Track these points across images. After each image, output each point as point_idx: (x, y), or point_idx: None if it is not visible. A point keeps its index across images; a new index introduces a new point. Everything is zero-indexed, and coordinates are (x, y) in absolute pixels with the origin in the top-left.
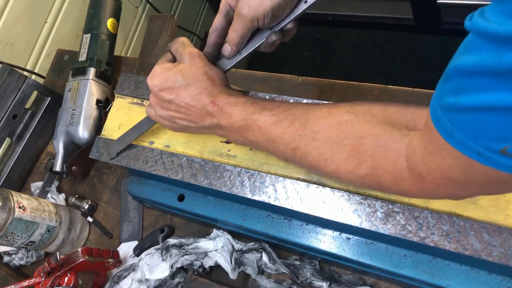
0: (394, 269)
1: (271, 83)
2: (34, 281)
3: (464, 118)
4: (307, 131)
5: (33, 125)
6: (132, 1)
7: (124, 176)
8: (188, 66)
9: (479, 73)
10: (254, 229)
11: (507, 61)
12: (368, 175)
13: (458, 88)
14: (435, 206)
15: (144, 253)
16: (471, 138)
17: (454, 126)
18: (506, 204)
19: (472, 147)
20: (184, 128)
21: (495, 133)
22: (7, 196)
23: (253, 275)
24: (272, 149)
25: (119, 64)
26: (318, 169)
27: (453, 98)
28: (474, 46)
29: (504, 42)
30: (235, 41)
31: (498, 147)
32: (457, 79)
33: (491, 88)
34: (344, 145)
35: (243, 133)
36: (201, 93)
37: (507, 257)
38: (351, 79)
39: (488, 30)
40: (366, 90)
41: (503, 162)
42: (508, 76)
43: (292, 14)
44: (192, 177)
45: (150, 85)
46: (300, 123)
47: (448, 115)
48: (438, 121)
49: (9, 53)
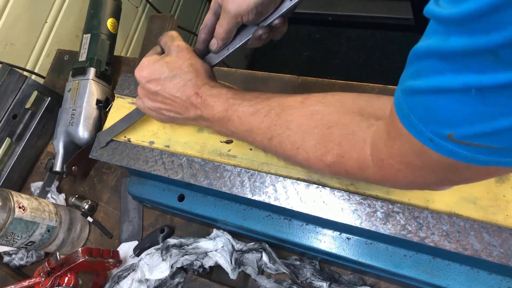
0: (394, 269)
1: (271, 83)
2: (34, 281)
3: (417, 101)
4: (281, 121)
5: (33, 125)
6: (132, 1)
7: (124, 176)
8: (175, 58)
9: (431, 56)
10: (254, 229)
11: (452, 44)
12: (335, 162)
13: (415, 72)
14: (435, 206)
15: (144, 253)
16: (424, 123)
17: (410, 110)
18: (506, 204)
19: (424, 133)
20: (171, 119)
21: (442, 117)
22: (7, 196)
23: (253, 275)
24: (251, 139)
25: (119, 64)
26: (291, 157)
27: (410, 82)
28: (429, 30)
29: (450, 25)
30: (221, 35)
31: (445, 132)
32: (415, 63)
33: (439, 71)
34: (314, 134)
35: (224, 124)
36: (186, 85)
37: (507, 257)
38: (351, 79)
39: (437, 14)
40: (366, 90)
41: (450, 148)
42: (453, 58)
43: (277, 11)
44: (192, 177)
45: (138, 76)
46: (276, 113)
47: (406, 99)
48: (399, 105)
49: (9, 53)
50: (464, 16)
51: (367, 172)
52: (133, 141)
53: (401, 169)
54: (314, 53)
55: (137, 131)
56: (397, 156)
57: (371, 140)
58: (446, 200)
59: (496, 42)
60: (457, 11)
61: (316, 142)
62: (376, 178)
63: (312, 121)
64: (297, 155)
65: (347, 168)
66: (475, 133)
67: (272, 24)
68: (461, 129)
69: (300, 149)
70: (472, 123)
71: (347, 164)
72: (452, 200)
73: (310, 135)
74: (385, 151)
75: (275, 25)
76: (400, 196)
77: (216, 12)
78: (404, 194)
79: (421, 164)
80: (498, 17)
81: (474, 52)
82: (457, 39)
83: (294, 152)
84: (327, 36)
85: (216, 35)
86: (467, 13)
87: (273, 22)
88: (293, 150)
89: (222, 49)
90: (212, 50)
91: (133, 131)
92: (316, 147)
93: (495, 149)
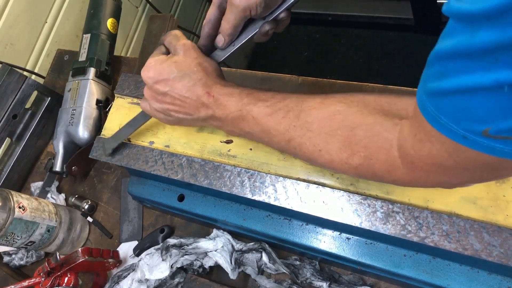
0: (394, 269)
1: (271, 83)
2: (34, 281)
3: (446, 102)
4: (301, 122)
5: (33, 125)
6: (132, 1)
7: (124, 176)
8: (183, 57)
9: (456, 56)
10: (254, 229)
11: (480, 40)
12: (362, 165)
13: (439, 73)
14: (435, 206)
15: (144, 253)
16: (455, 121)
17: (438, 110)
18: (506, 204)
19: (457, 131)
20: (180, 120)
21: (475, 115)
22: (7, 196)
23: (253, 275)
24: (267, 140)
25: (119, 64)
26: (312, 159)
27: (435, 83)
28: (451, 30)
29: (476, 20)
30: (228, 31)
31: (480, 129)
32: (437, 64)
33: (467, 70)
34: (337, 136)
35: (238, 124)
36: (196, 85)
37: (507, 257)
38: (351, 79)
39: (461, 11)
40: (366, 90)
41: (486, 144)
42: (481, 55)
43: (285, 3)
44: (192, 177)
45: (145, 77)
46: (294, 114)
47: (432, 100)
48: (424, 107)
49: (9, 53)
50: (495, 9)
51: (396, 174)
52: (133, 141)
53: (432, 171)
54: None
55: (137, 131)
56: (427, 158)
57: (398, 142)
58: (446, 200)
59: None
60: (486, 5)
61: (340, 145)
62: (406, 180)
63: (334, 122)
64: (320, 158)
65: (375, 170)
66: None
67: (278, 18)
68: (496, 124)
69: (323, 152)
70: (507, 117)
71: (375, 166)
72: (452, 200)
73: (333, 137)
74: (413, 153)
75: (281, 18)
76: (400, 196)
77: (220, 6)
78: (404, 194)
79: (454, 164)
80: None
81: (505, 46)
82: (486, 34)
83: (316, 154)
84: (327, 36)
85: (223, 31)
86: (497, 5)
87: (279, 15)
88: (315, 152)
89: (229, 45)
90: (218, 46)
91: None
92: (341, 150)
93: None
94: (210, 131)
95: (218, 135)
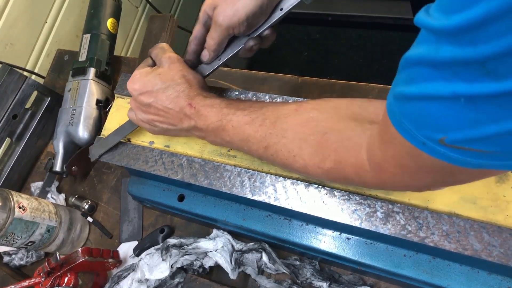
0: (394, 269)
1: (271, 83)
2: (34, 281)
3: (410, 107)
4: (277, 129)
5: (33, 125)
6: (132, 1)
7: (124, 176)
8: (167, 70)
9: (423, 63)
10: (254, 229)
11: (443, 54)
12: (333, 168)
13: (407, 78)
14: (435, 206)
15: (144, 253)
16: (416, 127)
17: (403, 115)
18: (506, 204)
19: (417, 136)
20: (164, 131)
21: (434, 123)
22: (7, 196)
23: (253, 275)
24: (246, 148)
25: (119, 64)
26: (288, 165)
27: (402, 88)
28: (422, 38)
29: (440, 35)
30: (213, 47)
31: (437, 137)
32: (406, 69)
33: (431, 78)
34: (310, 141)
35: (219, 134)
36: (179, 96)
37: (507, 257)
38: (351, 79)
39: (428, 25)
40: (366, 90)
41: (443, 152)
42: (443, 66)
43: (268, 21)
44: (192, 177)
45: (130, 89)
46: (271, 122)
47: (398, 104)
48: (391, 110)
49: (9, 53)
50: (455, 28)
51: (365, 177)
52: (133, 141)
53: (397, 173)
54: (314, 53)
55: (137, 131)
56: (392, 160)
57: (366, 145)
58: (446, 200)
59: (483, 54)
60: (448, 23)
61: (313, 149)
62: (374, 182)
63: (308, 128)
64: (295, 163)
65: (345, 173)
66: (466, 138)
67: (263, 35)
68: (452, 134)
69: (297, 157)
70: (462, 128)
71: (345, 169)
72: (452, 200)
73: (307, 142)
74: (380, 155)
75: (265, 35)
76: (400, 196)
77: (205, 24)
78: (404, 194)
79: (416, 167)
80: (486, 31)
81: (463, 62)
82: (448, 49)
83: (291, 160)
84: (327, 36)
85: (208, 47)
86: (457, 25)
87: (263, 32)
88: (290, 158)
89: (214, 59)
90: (204, 61)
91: (133, 131)
92: (314, 154)
93: (486, 153)
94: None
95: None
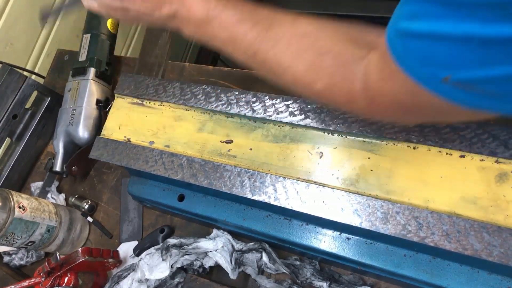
0: (394, 269)
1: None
2: (34, 281)
3: (414, 44)
4: (269, 36)
5: (33, 125)
6: None
7: (124, 176)
8: None
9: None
10: (254, 229)
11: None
12: (323, 92)
13: (412, 13)
14: (435, 206)
15: (144, 253)
16: (420, 64)
17: (406, 51)
18: (506, 204)
19: (420, 73)
20: (139, 17)
21: (440, 61)
22: (7, 196)
23: (253, 275)
24: (231, 49)
25: (119, 64)
26: (277, 76)
27: (406, 23)
28: None
29: None
30: None
31: (442, 75)
32: (411, 3)
33: (440, 16)
34: (304, 58)
35: (202, 27)
36: None
37: (507, 257)
38: None
39: None
40: None
41: (445, 90)
42: (456, 6)
43: None
44: (192, 177)
45: None
46: (263, 27)
47: (401, 40)
48: (393, 44)
49: (9, 53)
50: None
51: (356, 106)
52: (133, 141)
53: (390, 107)
54: None
55: (137, 131)
56: (388, 95)
57: (362, 75)
58: (446, 200)
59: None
60: None
61: (305, 68)
62: (364, 112)
63: (303, 43)
64: (283, 75)
65: (335, 99)
66: (471, 78)
67: None
68: (458, 73)
69: (287, 71)
70: (470, 68)
71: (335, 95)
72: (452, 200)
73: (301, 58)
74: (376, 88)
75: None
76: (400, 196)
77: None
78: (404, 194)
79: (411, 104)
80: None
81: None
82: None
83: (280, 71)
84: None
85: None
86: None
87: None
88: (280, 69)
89: None
90: None
91: (133, 131)
92: (306, 73)
93: (488, 94)
94: (210, 131)
95: (218, 135)
